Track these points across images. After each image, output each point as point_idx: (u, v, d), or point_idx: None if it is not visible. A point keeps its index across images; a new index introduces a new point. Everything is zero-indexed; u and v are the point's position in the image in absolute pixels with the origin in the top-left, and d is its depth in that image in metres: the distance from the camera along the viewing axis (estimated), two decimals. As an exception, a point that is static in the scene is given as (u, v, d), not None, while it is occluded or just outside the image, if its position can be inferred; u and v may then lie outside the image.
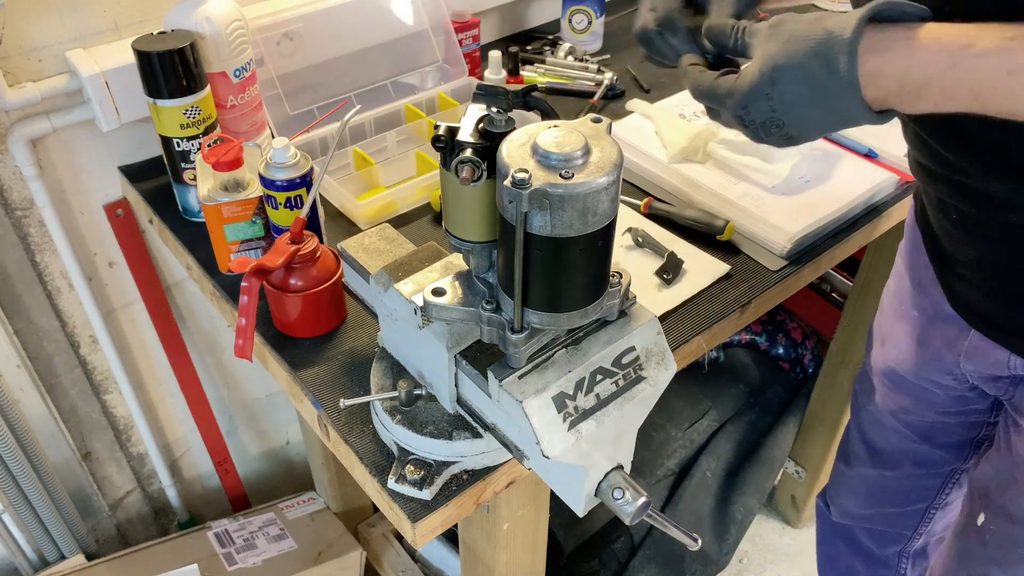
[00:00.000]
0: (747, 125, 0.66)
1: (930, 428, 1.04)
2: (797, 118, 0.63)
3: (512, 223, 0.56)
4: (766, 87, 0.62)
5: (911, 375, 1.00)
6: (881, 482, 1.15)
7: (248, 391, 1.59)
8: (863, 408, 1.13)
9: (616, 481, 0.66)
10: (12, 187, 1.13)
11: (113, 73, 1.05)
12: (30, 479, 1.27)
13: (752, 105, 0.64)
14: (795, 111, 0.62)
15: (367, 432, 0.80)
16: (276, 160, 0.90)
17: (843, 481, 1.23)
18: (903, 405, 1.04)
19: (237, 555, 1.45)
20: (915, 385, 1.00)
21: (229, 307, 0.95)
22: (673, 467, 1.79)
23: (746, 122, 0.65)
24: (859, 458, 1.17)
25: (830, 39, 0.58)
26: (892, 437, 1.09)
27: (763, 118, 0.64)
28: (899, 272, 1.01)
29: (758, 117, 0.64)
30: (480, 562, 0.96)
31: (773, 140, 0.66)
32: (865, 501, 1.20)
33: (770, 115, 0.63)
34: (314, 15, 1.18)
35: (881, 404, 1.08)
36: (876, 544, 1.24)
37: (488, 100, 0.62)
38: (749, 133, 0.67)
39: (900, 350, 1.00)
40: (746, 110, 0.64)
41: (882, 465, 1.14)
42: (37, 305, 1.24)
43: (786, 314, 2.06)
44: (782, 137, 0.65)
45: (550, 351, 0.64)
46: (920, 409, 1.02)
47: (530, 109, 0.66)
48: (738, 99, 0.64)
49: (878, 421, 1.10)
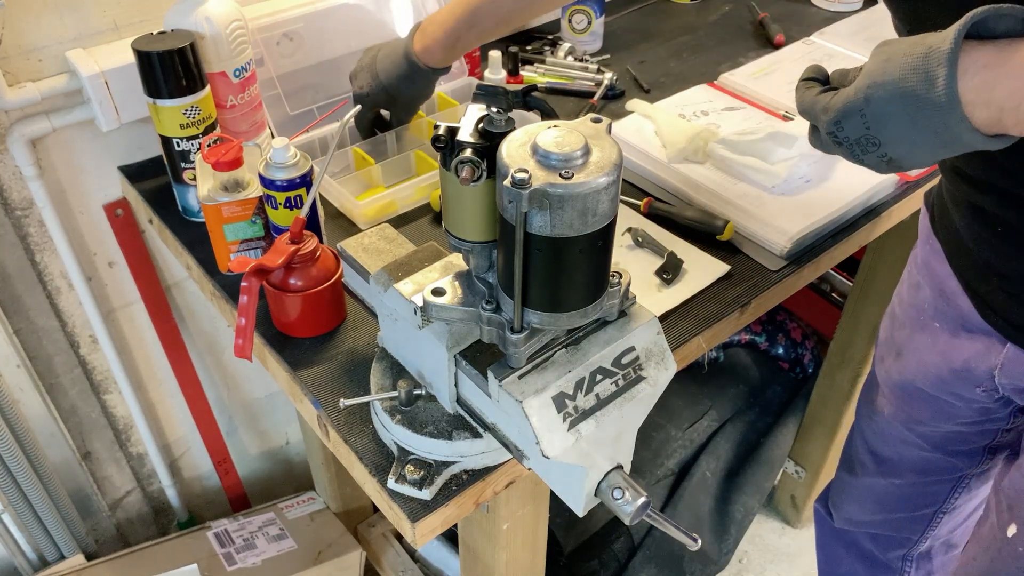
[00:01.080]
0: (841, 143, 0.63)
1: (944, 438, 1.02)
2: (894, 137, 0.60)
3: (512, 223, 0.56)
4: (860, 103, 0.60)
5: (931, 388, 0.97)
6: (889, 489, 1.14)
7: (248, 391, 1.59)
8: (870, 418, 1.12)
9: (616, 481, 0.66)
10: (12, 187, 1.13)
11: (113, 73, 1.05)
12: (30, 479, 1.27)
13: (845, 121, 0.61)
14: (891, 129, 0.59)
15: (367, 432, 0.80)
16: (276, 160, 0.90)
17: (847, 490, 1.22)
18: (917, 417, 1.02)
19: (237, 555, 1.45)
20: (934, 398, 0.98)
21: (229, 307, 0.95)
22: (673, 467, 1.79)
23: (840, 139, 0.63)
24: (865, 468, 1.16)
25: (929, 53, 0.55)
26: (901, 448, 1.08)
27: (857, 135, 0.61)
28: (916, 283, 0.99)
29: (852, 134, 0.62)
30: (480, 562, 0.96)
31: (872, 161, 0.63)
32: (872, 508, 1.18)
33: (864, 132, 0.61)
34: (314, 15, 1.18)
35: (891, 416, 1.06)
36: (879, 549, 1.23)
37: (488, 100, 0.62)
38: (845, 152, 0.64)
39: (922, 362, 0.98)
40: (839, 126, 0.62)
41: (890, 474, 1.12)
42: (37, 305, 1.24)
43: (786, 314, 2.06)
44: (881, 159, 0.62)
45: (550, 351, 0.64)
46: (936, 421, 1.00)
47: (530, 109, 0.66)
48: (832, 115, 0.62)
49: (887, 432, 1.08)
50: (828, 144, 0.66)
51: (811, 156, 1.12)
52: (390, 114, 1.17)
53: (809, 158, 1.12)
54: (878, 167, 0.64)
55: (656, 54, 1.48)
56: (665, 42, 1.52)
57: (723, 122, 1.21)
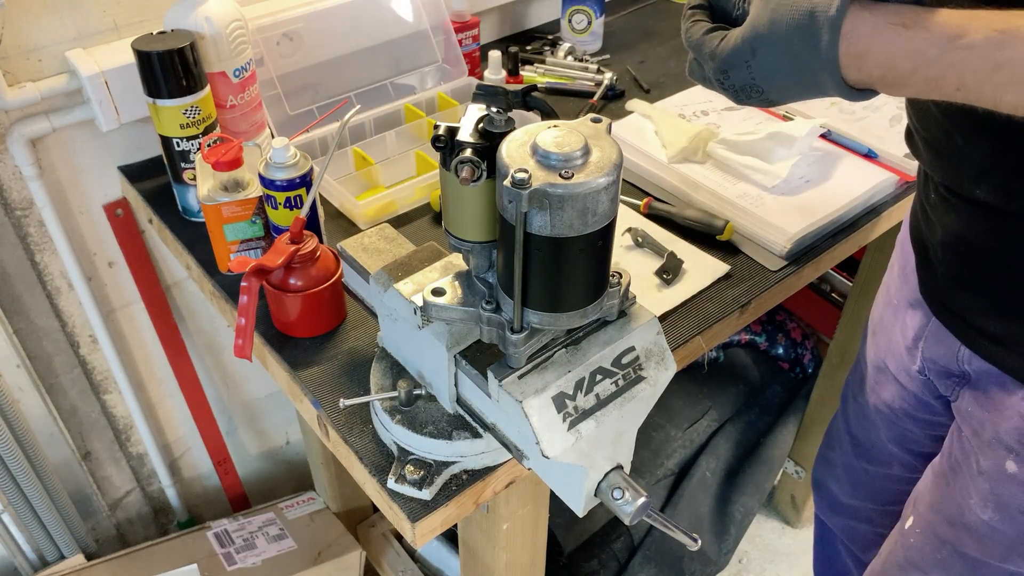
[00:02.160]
0: (727, 88, 0.66)
1: (903, 435, 1.04)
2: (776, 87, 0.63)
3: (512, 223, 0.56)
4: (747, 55, 0.62)
5: (892, 366, 0.99)
6: (860, 475, 1.16)
7: (248, 391, 1.59)
8: (852, 399, 1.13)
9: (616, 481, 0.66)
10: (12, 187, 1.13)
11: (113, 73, 1.05)
12: (30, 479, 1.27)
13: (732, 71, 0.64)
14: (774, 80, 0.63)
15: (367, 432, 0.80)
16: (276, 160, 0.90)
17: (828, 468, 1.24)
18: (885, 400, 1.04)
19: (237, 555, 1.45)
20: (895, 380, 1.00)
21: (229, 307, 0.95)
22: (673, 467, 1.79)
23: (725, 86, 0.66)
24: (843, 447, 1.17)
25: (815, 13, 0.58)
26: (873, 432, 1.09)
27: (742, 83, 0.64)
28: (891, 263, 1.01)
29: (737, 82, 0.65)
30: (480, 562, 0.96)
31: (753, 103, 0.67)
32: (849, 491, 1.20)
33: (749, 82, 0.64)
34: (314, 15, 1.18)
35: (868, 396, 1.08)
36: (860, 549, 1.23)
37: (488, 100, 0.62)
38: (729, 95, 0.67)
39: (888, 339, 1.00)
40: (725, 75, 0.65)
41: (863, 457, 1.13)
42: (37, 305, 1.24)
43: (786, 314, 2.06)
44: (762, 101, 0.66)
45: (550, 351, 0.64)
46: (896, 408, 1.02)
47: (530, 109, 0.66)
48: (719, 63, 0.64)
49: (864, 414, 1.10)
50: (712, 84, 0.68)
51: (811, 156, 1.13)
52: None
53: (809, 158, 1.12)
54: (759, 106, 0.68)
55: (656, 54, 1.48)
56: (665, 42, 1.52)
57: (723, 122, 1.22)
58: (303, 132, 1.10)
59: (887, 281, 1.02)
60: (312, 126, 1.13)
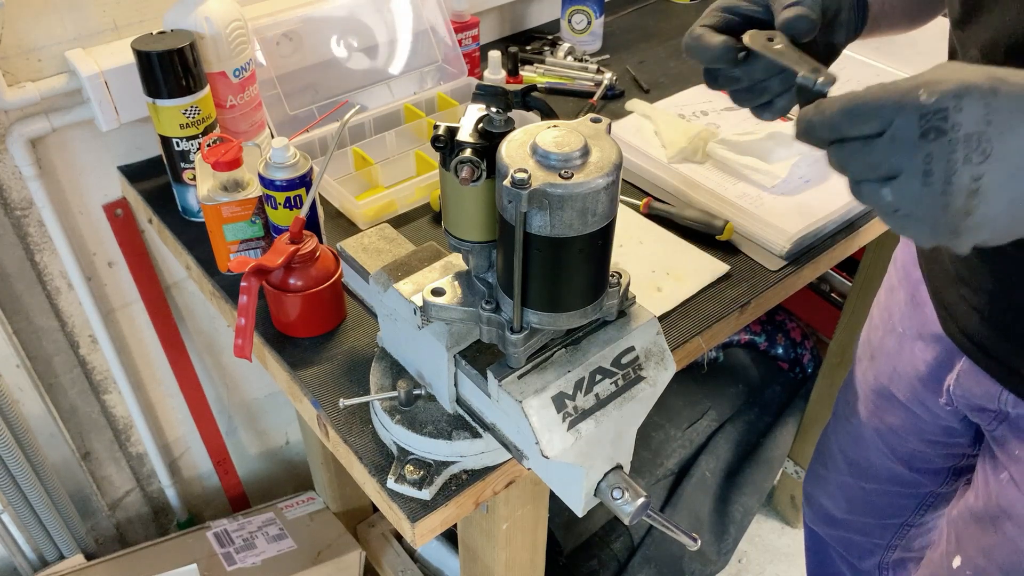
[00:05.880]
0: (944, 132, 0.44)
1: (910, 454, 1.02)
2: (1010, 153, 0.43)
3: (512, 223, 0.56)
4: (985, 87, 0.43)
5: (904, 395, 0.97)
6: (857, 492, 1.13)
7: (247, 391, 1.59)
8: (844, 420, 1.11)
9: (615, 481, 0.66)
10: (11, 187, 1.13)
11: (112, 73, 1.05)
12: (29, 479, 1.27)
13: (965, 103, 0.43)
14: (1013, 141, 0.43)
15: (366, 432, 0.80)
16: (275, 160, 0.90)
17: (820, 484, 1.22)
18: (890, 425, 1.01)
19: (236, 555, 1.45)
20: (905, 407, 0.97)
21: (228, 307, 0.95)
22: (672, 467, 1.79)
23: (945, 128, 0.44)
24: (837, 466, 1.15)
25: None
26: (871, 454, 1.07)
27: (973, 129, 0.43)
28: (891, 285, 0.99)
29: (968, 125, 0.43)
30: (479, 562, 0.96)
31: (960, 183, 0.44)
32: (844, 507, 1.18)
33: (984, 128, 0.43)
34: (314, 15, 1.18)
35: (866, 420, 1.06)
36: (855, 558, 1.22)
37: (487, 100, 0.62)
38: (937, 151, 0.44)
39: (895, 368, 0.97)
40: (952, 109, 0.43)
41: (859, 476, 1.11)
42: (36, 305, 1.24)
43: (785, 314, 2.06)
44: (973, 179, 0.44)
45: (549, 351, 0.64)
46: (905, 432, 1.00)
47: (530, 109, 0.66)
48: (940, 95, 0.43)
49: (859, 435, 1.08)
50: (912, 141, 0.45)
51: (811, 156, 1.12)
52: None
53: (809, 158, 1.12)
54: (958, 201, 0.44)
55: (656, 54, 1.48)
56: (665, 42, 1.52)
57: (723, 122, 1.22)
58: (303, 132, 1.11)
59: (887, 305, 0.99)
60: (312, 126, 1.13)
